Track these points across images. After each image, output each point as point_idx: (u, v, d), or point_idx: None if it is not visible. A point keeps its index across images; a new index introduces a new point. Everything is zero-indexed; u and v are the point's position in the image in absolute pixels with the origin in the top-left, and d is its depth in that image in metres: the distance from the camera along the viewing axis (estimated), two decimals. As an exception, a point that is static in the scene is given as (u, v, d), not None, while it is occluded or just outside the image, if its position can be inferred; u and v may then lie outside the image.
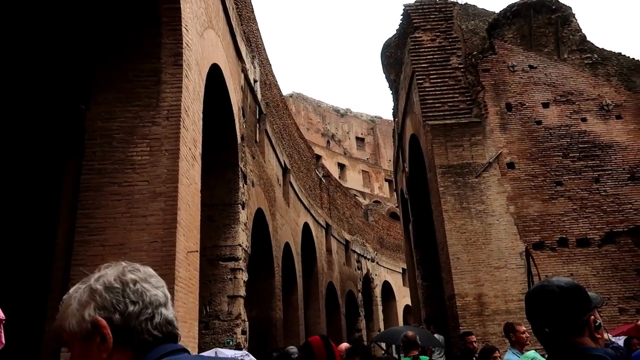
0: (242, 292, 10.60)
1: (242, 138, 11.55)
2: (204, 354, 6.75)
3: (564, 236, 11.02)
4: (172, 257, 6.07)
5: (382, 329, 26.21)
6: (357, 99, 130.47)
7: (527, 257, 10.54)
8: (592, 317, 1.34)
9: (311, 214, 20.49)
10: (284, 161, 16.90)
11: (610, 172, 11.48)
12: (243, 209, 11.23)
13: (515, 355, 4.20)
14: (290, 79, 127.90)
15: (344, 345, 6.25)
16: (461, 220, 11.07)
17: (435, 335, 10.62)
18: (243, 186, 11.32)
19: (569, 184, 11.39)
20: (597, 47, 12.86)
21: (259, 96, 14.16)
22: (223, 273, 10.59)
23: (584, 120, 11.96)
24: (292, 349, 8.25)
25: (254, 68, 13.72)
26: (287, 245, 16.16)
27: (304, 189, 19.98)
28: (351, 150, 45.84)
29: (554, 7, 12.97)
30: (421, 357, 5.07)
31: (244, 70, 12.27)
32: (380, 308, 29.31)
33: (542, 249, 10.85)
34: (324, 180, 24.34)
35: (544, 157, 11.62)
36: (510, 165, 11.58)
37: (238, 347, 9.79)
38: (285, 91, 38.02)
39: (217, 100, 10.11)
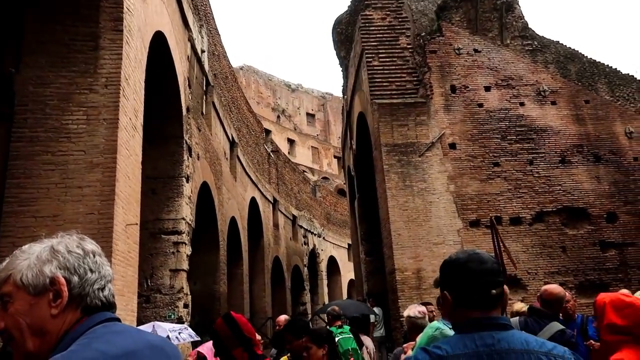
0: (185, 265, 10.51)
1: (188, 109, 11.28)
2: (141, 327, 6.69)
3: (499, 215, 11.57)
4: (109, 229, 5.92)
5: (327, 303, 26.83)
6: (309, 74, 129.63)
7: (493, 232, 10.96)
8: (494, 291, 1.44)
9: (259, 189, 20.42)
10: (231, 135, 16.66)
11: (543, 155, 12.11)
12: (187, 182, 11.05)
13: (446, 325, 4.45)
14: (240, 51, 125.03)
15: (283, 317, 6.39)
16: (404, 198, 11.39)
17: (375, 309, 11.00)
18: (188, 159, 11.10)
19: (505, 165, 11.94)
20: (538, 35, 13.37)
21: (207, 67, 13.80)
22: (165, 247, 10.44)
23: (522, 104, 12.49)
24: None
25: (202, 38, 13.34)
26: (233, 219, 16.08)
27: (252, 163, 19.83)
28: (301, 126, 45.75)
29: (499, -8, 13.32)
30: (344, 326, 5.34)
31: (191, 40, 11.91)
32: (325, 282, 29.89)
33: (478, 227, 11.38)
34: (272, 156, 24.24)
35: (484, 138, 12.09)
36: (452, 146, 11.97)
37: (180, 320, 9.76)
38: (235, 63, 37.23)
39: (161, 70, 9.78)
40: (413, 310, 3.80)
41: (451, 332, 1.56)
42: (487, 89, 12.56)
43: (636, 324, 2.02)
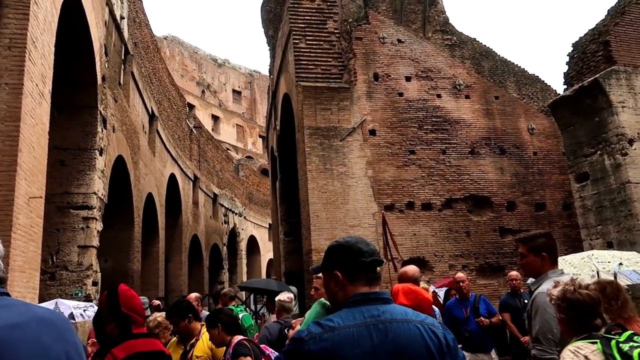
0: (95, 242, 10.09)
1: (104, 78, 10.70)
2: (44, 304, 6.40)
3: (412, 200, 12.20)
4: (9, 202, 5.57)
5: (245, 281, 26.87)
6: (237, 50, 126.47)
7: (383, 224, 11.52)
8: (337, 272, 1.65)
9: (179, 165, 19.88)
10: (151, 107, 16.03)
11: (455, 145, 12.86)
12: (101, 155, 10.54)
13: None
14: (165, 20, 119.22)
15: (194, 295, 6.39)
16: (323, 181, 11.65)
17: (290, 287, 11.22)
18: (102, 131, 10.58)
19: (420, 153, 12.55)
20: (457, 30, 14.05)
21: (126, 35, 13.12)
22: (74, 222, 9.94)
23: (439, 96, 13.14)
24: (143, 299, 8.17)
25: (121, 3, 12.63)
26: (150, 195, 15.57)
27: (172, 138, 19.22)
28: (227, 102, 44.83)
29: (424, -14, 13.80)
30: (238, 307, 5.91)
31: (109, 4, 11.24)
32: (244, 261, 29.88)
33: (392, 211, 11.92)
34: (195, 131, 23.62)
35: (402, 127, 12.61)
36: (372, 132, 12.38)
37: (87, 299, 9.40)
38: (158, 33, 35.55)
39: (75, 35, 9.19)
40: (283, 296, 4.54)
41: None
42: (408, 79, 13.06)
43: (416, 304, 3.10)
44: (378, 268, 1.68)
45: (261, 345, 3.68)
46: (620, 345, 1.95)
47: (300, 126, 12.19)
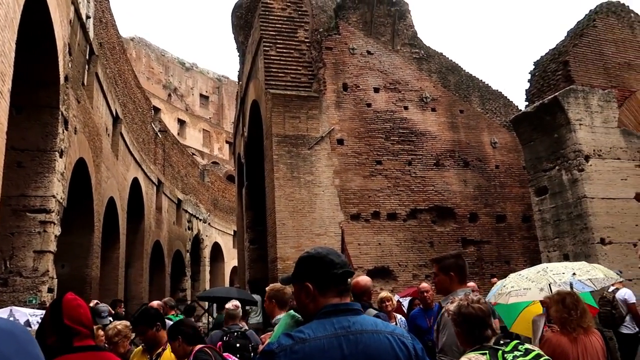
0: (53, 247, 9.73)
1: (67, 78, 10.39)
2: (-3, 312, 6.12)
3: (378, 210, 12.33)
4: (-38, 204, 5.32)
5: (207, 289, 26.45)
6: (205, 54, 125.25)
7: (342, 235, 11.66)
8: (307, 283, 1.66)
9: (142, 169, 19.45)
10: (115, 110, 15.65)
11: (421, 157, 13.10)
12: (61, 157, 10.20)
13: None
14: (132, 22, 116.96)
15: (156, 302, 6.26)
16: (290, 189, 11.64)
17: (254, 295, 11.12)
18: (63, 132, 10.24)
19: (387, 164, 12.72)
20: (425, 45, 14.37)
21: (92, 34, 12.80)
22: (31, 226, 9.56)
23: (406, 108, 13.37)
24: (104, 306, 7.94)
25: (87, 2, 12.34)
26: (111, 200, 15.16)
27: (136, 142, 18.81)
28: (194, 107, 44.27)
29: (394, 0, 14.07)
30: (177, 316, 5.85)
31: (75, 3, 10.96)
32: (207, 269, 29.42)
33: (358, 220, 12.01)
34: (160, 135, 23.20)
35: (370, 137, 12.76)
36: (340, 142, 12.47)
37: (42, 306, 9.03)
38: (125, 34, 34.84)
39: (38, 33, 8.90)
40: (230, 304, 4.83)
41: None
42: (376, 90, 13.24)
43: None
44: (349, 279, 1.70)
45: (224, 354, 3.64)
46: (506, 355, 2.18)
47: (269, 133, 12.16)
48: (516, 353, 2.18)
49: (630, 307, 7.27)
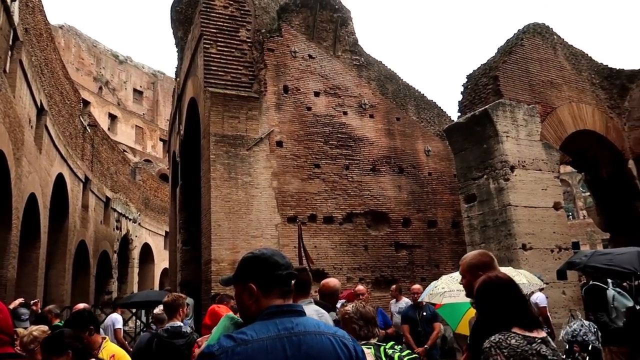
0: (-36, 245, 8.96)
1: (-14, 64, 9.64)
2: None
3: (315, 213, 12.41)
4: None
5: (135, 292, 25.44)
6: (141, 48, 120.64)
7: (299, 234, 11.64)
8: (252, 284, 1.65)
9: (68, 165, 18.38)
10: (40, 100, 14.70)
11: (358, 162, 13.34)
12: (-24, 148, 9.43)
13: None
14: (62, 8, 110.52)
15: (82, 305, 5.94)
16: (227, 190, 11.45)
17: (188, 299, 10.83)
18: (-20, 122, 9.49)
19: (325, 168, 12.84)
20: (365, 52, 14.67)
21: (16, 19, 11.97)
22: (-62, 222, 8.77)
23: (345, 113, 13.57)
24: (22, 309, 7.43)
25: (13, -16, 11.52)
26: (32, 196, 14.20)
27: (62, 136, 17.76)
28: (126, 102, 42.50)
29: (336, 6, 14.27)
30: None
31: (-2, -16, 10.20)
32: (136, 270, 28.28)
33: (295, 223, 11.99)
34: (89, 130, 22.05)
35: (309, 140, 12.82)
36: (279, 144, 12.44)
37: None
38: (54, 21, 32.86)
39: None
40: (157, 309, 5.03)
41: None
42: (317, 94, 13.34)
43: (215, 322, 3.38)
44: (293, 281, 1.70)
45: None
46: (387, 350, 2.69)
47: (206, 132, 11.91)
48: (394, 350, 2.69)
49: (541, 310, 7.79)
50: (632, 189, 12.46)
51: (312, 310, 2.95)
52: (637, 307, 6.06)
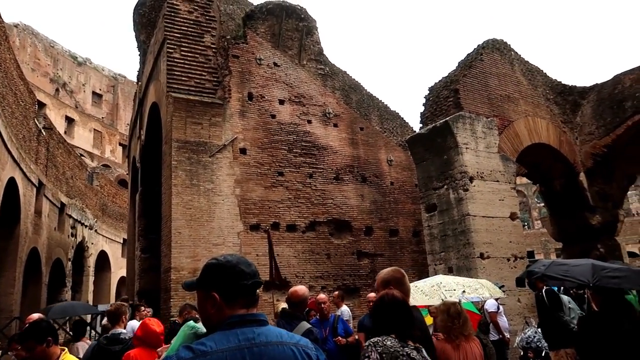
0: None
1: None
2: None
3: (278, 221, 12.36)
4: None
5: (90, 301, 24.60)
6: (102, 50, 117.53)
7: (269, 239, 11.55)
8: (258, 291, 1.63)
9: (21, 169, 17.63)
10: (-8, 101, 14.08)
11: (321, 170, 13.39)
12: None
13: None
14: (18, 6, 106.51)
15: (36, 315, 5.69)
16: (189, 196, 11.26)
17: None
18: None
19: (288, 176, 12.82)
20: (330, 62, 14.80)
21: (-32, 16, 11.46)
22: None
23: (309, 122, 13.62)
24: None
25: (-34, -21, 11.04)
26: (-19, 201, 13.55)
27: (15, 138, 17.04)
28: (85, 105, 41.26)
29: (302, 16, 14.35)
30: None
31: (-51, -22, 9.75)
32: (92, 279, 27.30)
33: (257, 231, 11.93)
34: (44, 132, 21.24)
35: (272, 148, 12.79)
36: (243, 151, 12.35)
37: None
38: (8, 19, 31.66)
39: None
40: (105, 320, 4.92)
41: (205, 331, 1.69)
42: (282, 102, 13.35)
43: (145, 335, 3.74)
44: (258, 290, 1.67)
45: None
46: None
47: (168, 138, 11.69)
48: None
49: (490, 315, 8.02)
50: (582, 200, 13.02)
51: None
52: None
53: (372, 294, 6.89)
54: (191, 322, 1.82)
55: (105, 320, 4.86)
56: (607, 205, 13.25)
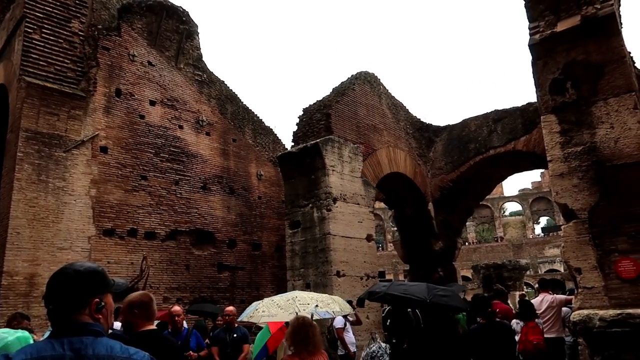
0: None
1: None
2: None
3: (135, 227, 11.68)
4: None
5: None
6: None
7: (146, 264, 10.85)
8: (96, 299, 1.55)
9: None
10: None
11: (189, 178, 13.02)
12: None
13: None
14: None
15: None
16: (34, 193, 10.13)
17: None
18: None
19: (152, 181, 12.23)
20: (208, 69, 14.55)
21: None
22: None
23: (181, 127, 13.20)
24: None
25: None
26: None
27: None
28: None
29: (184, 18, 13.96)
30: None
31: None
32: None
33: (112, 236, 11.15)
34: None
35: (138, 150, 12.12)
36: (104, 149, 11.51)
37: None
38: None
39: None
40: None
41: (31, 338, 1.57)
42: (152, 103, 12.76)
43: None
44: (97, 299, 1.59)
45: None
46: None
47: (16, 126, 10.44)
48: None
49: (337, 331, 8.50)
50: (429, 227, 14.43)
51: None
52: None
53: (230, 308, 6.85)
54: (26, 332, 1.67)
55: None
56: (449, 234, 14.85)
